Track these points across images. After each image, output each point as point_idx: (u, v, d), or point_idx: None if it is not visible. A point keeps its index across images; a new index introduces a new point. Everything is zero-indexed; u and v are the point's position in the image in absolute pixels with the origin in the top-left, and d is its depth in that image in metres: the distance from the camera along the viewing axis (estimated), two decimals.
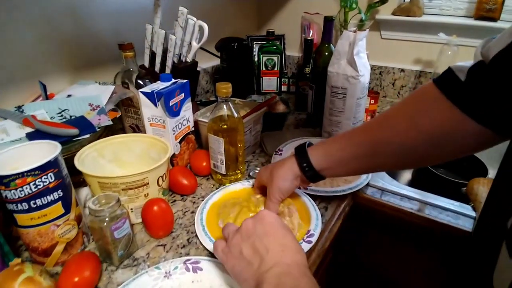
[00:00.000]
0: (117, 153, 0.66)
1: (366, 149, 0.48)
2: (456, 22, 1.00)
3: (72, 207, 0.50)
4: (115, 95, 0.75)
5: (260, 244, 0.39)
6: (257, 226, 0.41)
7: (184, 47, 0.82)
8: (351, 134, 0.51)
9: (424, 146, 0.43)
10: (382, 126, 0.47)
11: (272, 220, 0.42)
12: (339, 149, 0.51)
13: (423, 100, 0.43)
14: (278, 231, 0.41)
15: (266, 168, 0.59)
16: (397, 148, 0.45)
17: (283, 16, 1.33)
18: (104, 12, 0.84)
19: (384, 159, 0.48)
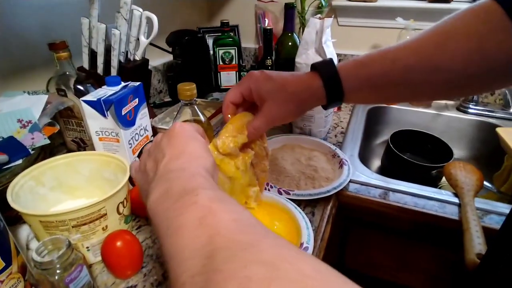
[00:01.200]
0: (61, 178, 0.53)
1: (417, 75, 0.39)
2: (412, 5, 1.00)
3: (13, 257, 0.38)
4: (49, 106, 0.62)
5: (159, 154, 0.33)
6: (164, 137, 0.36)
7: (131, 43, 0.71)
8: (396, 53, 0.41)
9: (488, 74, 0.37)
10: (441, 49, 0.38)
11: (181, 129, 0.36)
12: (380, 71, 0.41)
13: (489, 20, 0.36)
14: (181, 140, 0.34)
15: (269, 79, 0.44)
16: (456, 76, 0.38)
17: (235, 5, 1.25)
18: (29, 7, 0.68)
19: (434, 87, 0.40)
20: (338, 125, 0.92)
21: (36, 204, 0.49)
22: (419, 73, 0.39)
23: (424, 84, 0.40)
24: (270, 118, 0.45)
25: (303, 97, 0.44)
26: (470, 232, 0.53)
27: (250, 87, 0.45)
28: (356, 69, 0.43)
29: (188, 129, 0.36)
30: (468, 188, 0.62)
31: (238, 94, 0.46)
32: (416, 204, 0.62)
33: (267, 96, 0.44)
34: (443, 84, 0.40)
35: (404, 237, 0.68)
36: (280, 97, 0.43)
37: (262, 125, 0.45)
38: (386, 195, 0.64)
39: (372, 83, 0.42)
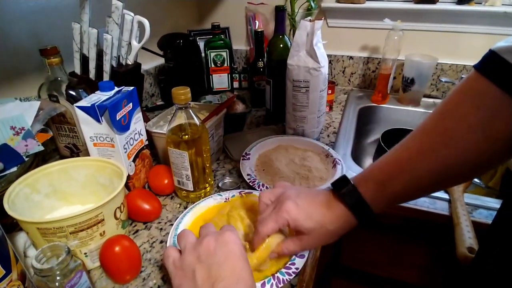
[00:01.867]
0: (55, 184, 0.53)
1: (436, 178, 0.40)
2: (398, 7, 1.02)
3: (13, 265, 0.38)
4: (42, 112, 0.61)
5: (217, 271, 0.35)
6: (218, 249, 0.36)
7: (123, 47, 0.70)
8: (411, 164, 0.40)
9: (501, 154, 0.37)
10: (449, 146, 0.38)
11: (235, 248, 0.37)
12: (403, 188, 0.41)
13: (484, 107, 0.35)
14: (239, 262, 0.36)
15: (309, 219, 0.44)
16: (472, 167, 0.38)
17: (226, 7, 1.25)
18: (19, 12, 0.68)
19: (454, 181, 0.42)
20: (330, 125, 0.93)
21: (32, 211, 0.49)
22: (438, 176, 0.39)
23: (444, 182, 0.42)
24: (306, 247, 0.46)
25: (339, 232, 0.45)
26: (460, 227, 0.54)
27: (288, 222, 0.44)
28: (381, 191, 0.42)
29: (239, 243, 0.38)
30: None
31: (275, 229, 0.45)
32: None
33: (307, 232, 0.44)
34: (464, 175, 0.40)
35: (397, 233, 0.70)
36: (320, 233, 0.44)
37: (297, 250, 0.46)
38: None
39: (397, 198, 0.43)
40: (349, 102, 1.08)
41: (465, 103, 0.37)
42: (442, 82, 1.02)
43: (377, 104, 1.07)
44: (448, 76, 1.05)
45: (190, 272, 0.36)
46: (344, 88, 1.20)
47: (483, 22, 0.96)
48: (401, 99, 1.06)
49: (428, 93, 1.10)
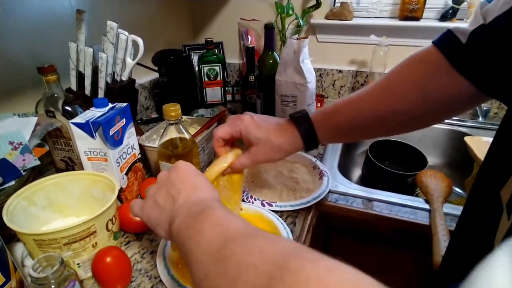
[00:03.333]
0: (51, 197, 0.56)
1: (374, 120, 0.48)
2: (384, 23, 1.06)
3: (12, 273, 0.40)
4: (39, 128, 0.64)
5: (173, 189, 0.39)
6: (171, 174, 0.41)
7: (118, 64, 0.74)
8: (357, 104, 0.49)
9: (429, 113, 0.45)
10: (391, 96, 0.46)
11: (186, 167, 0.41)
12: (346, 120, 0.49)
13: (428, 68, 0.43)
14: (191, 176, 0.40)
15: (258, 128, 0.51)
16: (406, 117, 0.46)
17: (219, 23, 1.30)
18: (17, 32, 0.71)
19: (390, 126, 0.49)
20: None
21: (29, 223, 0.51)
22: (374, 119, 0.48)
23: (379, 126, 0.49)
24: (255, 159, 0.52)
25: (284, 147, 0.52)
26: (437, 237, 0.57)
27: (240, 130, 0.52)
28: (326, 119, 0.51)
29: (191, 167, 0.42)
30: (438, 195, 0.67)
31: (228, 132, 0.52)
32: (391, 211, 0.66)
33: (255, 142, 0.51)
34: (395, 125, 0.49)
35: (381, 242, 0.72)
36: (266, 145, 0.51)
37: (247, 163, 0.53)
38: (363, 204, 0.68)
39: (340, 130, 0.51)
40: None
41: (415, 66, 0.45)
42: None
43: None
44: None
45: (152, 203, 0.40)
46: (334, 101, 1.23)
47: None
48: None
49: None
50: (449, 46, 0.40)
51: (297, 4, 1.13)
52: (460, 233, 0.43)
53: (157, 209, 0.39)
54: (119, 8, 0.96)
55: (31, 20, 0.73)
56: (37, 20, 0.74)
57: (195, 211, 0.34)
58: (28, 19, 0.72)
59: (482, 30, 0.37)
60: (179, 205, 0.36)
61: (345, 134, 0.52)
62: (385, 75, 0.48)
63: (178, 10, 1.24)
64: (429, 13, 1.05)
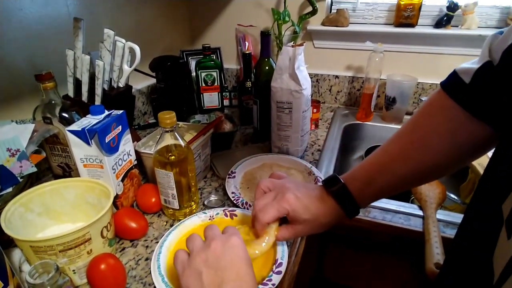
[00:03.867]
0: (47, 204, 0.56)
1: (412, 177, 0.47)
2: (379, 30, 1.07)
3: (9, 278, 0.41)
4: (36, 134, 0.64)
5: (223, 274, 0.38)
6: (225, 253, 0.39)
7: (114, 71, 0.74)
8: (391, 165, 0.47)
9: (466, 156, 0.44)
10: (423, 152, 0.45)
11: (240, 252, 0.40)
12: (385, 186, 0.48)
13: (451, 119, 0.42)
14: (244, 266, 0.39)
15: (306, 210, 0.50)
16: (441, 170, 0.46)
17: (217, 28, 1.31)
18: (16, 39, 0.72)
19: (426, 180, 0.49)
20: (315, 143, 0.97)
21: (26, 230, 0.52)
22: (413, 176, 0.47)
23: (418, 180, 0.49)
24: (298, 234, 0.51)
25: (330, 224, 0.51)
26: (430, 243, 0.57)
27: (288, 211, 0.50)
28: (365, 189, 0.49)
29: (244, 250, 0.41)
30: (431, 201, 0.68)
31: (275, 216, 0.50)
32: (384, 217, 0.67)
33: (303, 222, 0.50)
34: (431, 176, 0.48)
35: (376, 249, 0.73)
36: (314, 224, 0.50)
37: (290, 237, 0.51)
38: None
39: (380, 195, 0.50)
40: (335, 120, 1.12)
41: (436, 115, 0.44)
42: (423, 100, 1.06)
43: (362, 121, 1.11)
44: (429, 95, 1.10)
45: (197, 274, 0.38)
46: (331, 106, 1.24)
47: (460, 44, 1.02)
48: (385, 117, 1.11)
49: (411, 111, 1.14)
50: (456, 90, 0.41)
51: (293, 10, 1.14)
52: (460, 241, 0.43)
53: (199, 285, 0.38)
54: (117, 15, 0.97)
55: (29, 27, 0.74)
56: (35, 27, 0.75)
57: None
58: (26, 27, 0.73)
59: (490, 67, 0.37)
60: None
61: (384, 196, 0.51)
62: (409, 127, 0.47)
63: (176, 16, 1.25)
64: (424, 20, 1.06)
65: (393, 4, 1.06)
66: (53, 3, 0.78)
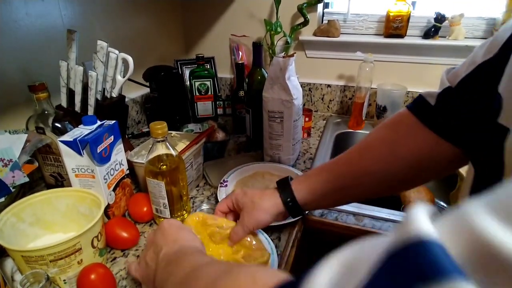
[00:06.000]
0: (39, 214, 0.57)
1: (349, 180, 0.50)
2: (369, 40, 1.09)
3: (2, 287, 0.41)
4: (29, 144, 0.65)
5: (156, 247, 0.43)
6: (156, 234, 0.46)
7: (108, 82, 0.75)
8: (333, 166, 0.52)
9: (404, 171, 0.46)
10: (363, 156, 0.49)
11: (168, 225, 0.46)
12: (322, 182, 0.51)
13: (399, 127, 0.46)
14: (173, 231, 0.45)
15: (245, 194, 0.56)
16: (379, 177, 0.48)
17: (211, 38, 1.32)
18: (9, 50, 0.73)
19: (367, 188, 0.50)
20: (307, 151, 0.98)
21: (18, 239, 0.53)
22: (350, 179, 0.49)
23: (358, 186, 0.50)
24: (245, 224, 0.54)
25: (267, 207, 0.54)
26: None
27: (232, 200, 0.57)
28: (304, 183, 0.54)
29: (175, 223, 0.47)
30: None
31: (224, 205, 0.59)
32: (374, 225, 0.68)
33: (242, 206, 0.56)
34: (374, 185, 0.49)
35: None
36: (251, 207, 0.54)
37: (239, 231, 0.54)
38: (348, 218, 0.70)
39: (318, 191, 0.52)
40: (327, 128, 1.13)
41: (387, 127, 0.49)
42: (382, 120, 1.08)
43: (353, 130, 1.12)
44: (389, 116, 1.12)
45: (143, 264, 0.45)
46: (324, 114, 1.26)
47: (448, 54, 1.04)
48: (376, 125, 1.12)
49: None
50: (420, 108, 0.44)
51: (285, 21, 1.16)
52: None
53: (146, 268, 0.43)
54: (111, 25, 0.98)
55: (24, 38, 0.75)
56: (30, 38, 0.76)
57: (172, 260, 0.39)
58: (21, 38, 0.74)
59: (449, 91, 0.40)
60: (161, 259, 0.41)
61: (323, 197, 0.53)
62: (361, 140, 0.52)
63: (170, 26, 1.27)
64: (412, 31, 1.08)
65: (383, 16, 1.08)
66: (48, 15, 0.79)
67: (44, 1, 0.78)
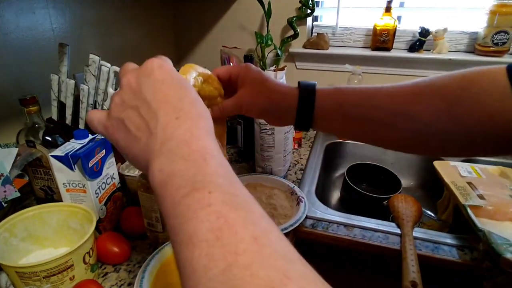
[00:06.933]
0: (30, 229, 0.56)
1: (385, 116, 0.41)
2: (357, 53, 1.12)
3: None
4: (19, 158, 0.65)
5: (148, 111, 0.28)
6: (143, 84, 0.29)
7: (99, 95, 0.76)
8: (374, 92, 0.43)
9: (453, 137, 0.39)
10: (417, 98, 0.40)
11: (162, 74, 0.29)
12: (353, 101, 0.43)
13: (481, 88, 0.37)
14: (171, 90, 0.29)
15: (259, 72, 0.47)
16: (422, 129, 0.40)
17: (202, 49, 1.34)
18: (1, 63, 0.72)
19: (398, 135, 0.42)
20: (298, 162, 1.00)
21: (10, 255, 0.53)
22: (389, 115, 0.41)
23: (391, 127, 0.42)
24: (239, 103, 0.46)
25: (275, 96, 0.46)
26: (406, 261, 0.60)
27: (239, 71, 0.47)
28: (333, 93, 0.45)
29: (172, 71, 0.30)
30: (408, 219, 0.70)
31: (227, 71, 0.47)
32: (364, 236, 0.69)
33: (247, 83, 0.46)
34: (408, 132, 0.41)
35: (356, 267, 0.74)
36: (257, 88, 0.46)
37: (230, 106, 0.46)
38: (339, 229, 0.71)
39: (343, 110, 0.44)
40: (317, 138, 1.15)
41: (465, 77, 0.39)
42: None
43: (343, 140, 1.14)
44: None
45: (120, 125, 0.29)
46: None
47: (432, 67, 1.08)
48: None
49: None
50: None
51: (276, 33, 1.18)
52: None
53: (128, 136, 0.28)
54: (102, 36, 0.99)
55: (15, 52, 0.75)
56: (21, 51, 0.76)
57: (184, 176, 0.24)
58: (11, 51, 0.74)
59: None
60: (159, 142, 0.26)
61: (345, 119, 0.44)
62: (416, 80, 0.43)
63: (161, 37, 1.28)
64: (398, 44, 1.12)
65: (370, 29, 1.12)
66: (39, 27, 0.79)
67: (35, 13, 0.78)
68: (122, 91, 0.30)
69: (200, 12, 1.27)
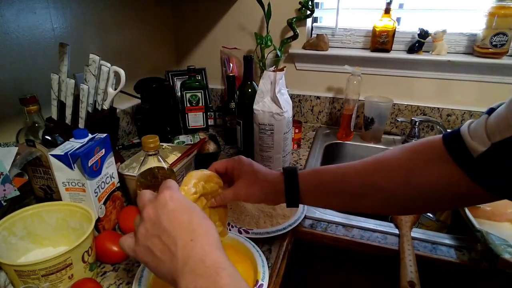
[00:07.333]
0: (29, 227, 0.56)
1: (357, 189, 0.49)
2: (357, 54, 1.13)
3: None
4: (19, 157, 0.65)
5: (168, 238, 0.35)
6: (161, 215, 0.37)
7: (99, 94, 0.76)
8: (345, 170, 0.51)
9: (416, 199, 0.45)
10: (379, 172, 0.47)
11: (174, 204, 0.37)
12: (331, 182, 0.51)
13: (425, 157, 0.44)
14: (184, 217, 0.37)
15: (250, 164, 0.55)
16: (388, 196, 0.47)
17: (202, 50, 1.34)
18: (1, 62, 0.73)
19: (371, 203, 0.49)
20: (297, 162, 1.00)
21: (9, 253, 0.53)
22: (361, 188, 0.49)
23: (364, 197, 0.49)
24: (236, 193, 0.54)
25: (266, 185, 0.54)
26: (404, 261, 0.60)
27: (234, 165, 0.56)
28: (312, 175, 0.53)
29: (180, 200, 0.38)
30: (406, 220, 0.71)
31: (223, 165, 0.57)
32: (363, 236, 0.69)
33: (241, 176, 0.55)
34: (379, 201, 0.48)
35: (355, 267, 0.75)
36: (249, 179, 0.54)
37: (229, 197, 0.55)
38: (337, 229, 0.71)
39: (322, 189, 0.52)
40: (316, 139, 1.15)
41: (411, 151, 0.46)
42: (399, 121, 1.11)
43: (342, 141, 1.15)
44: (405, 116, 1.16)
45: (146, 250, 0.37)
46: (313, 125, 1.28)
47: (431, 68, 1.08)
48: (364, 136, 1.15)
49: (389, 130, 1.19)
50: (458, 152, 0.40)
51: (275, 34, 1.18)
52: None
53: (155, 259, 0.36)
54: (102, 36, 0.99)
55: (16, 51, 0.75)
56: (21, 51, 0.76)
57: (200, 276, 0.33)
58: (12, 51, 0.74)
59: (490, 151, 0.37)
60: (181, 263, 0.34)
61: (325, 195, 0.52)
62: (379, 155, 0.50)
63: (162, 38, 1.28)
64: (398, 46, 1.12)
65: (369, 30, 1.12)
66: (39, 27, 0.80)
67: (36, 13, 0.78)
68: (144, 223, 0.38)
69: (200, 12, 1.27)
